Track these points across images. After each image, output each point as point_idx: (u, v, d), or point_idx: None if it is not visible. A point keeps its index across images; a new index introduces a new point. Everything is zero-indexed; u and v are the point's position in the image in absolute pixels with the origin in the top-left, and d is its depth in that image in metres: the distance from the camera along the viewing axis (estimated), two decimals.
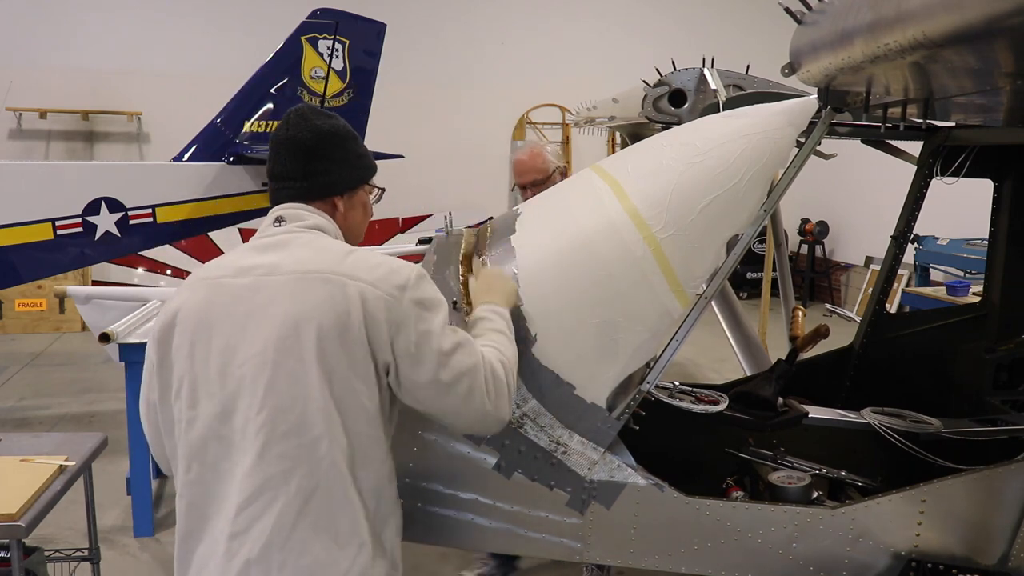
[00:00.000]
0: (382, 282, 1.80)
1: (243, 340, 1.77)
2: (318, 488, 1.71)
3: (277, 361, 1.73)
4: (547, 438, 2.39)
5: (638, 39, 11.19)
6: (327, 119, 2.01)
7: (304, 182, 1.97)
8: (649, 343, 2.38)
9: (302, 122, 1.97)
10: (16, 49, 9.63)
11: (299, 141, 1.96)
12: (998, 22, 1.31)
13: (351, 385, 1.75)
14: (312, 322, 1.74)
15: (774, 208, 2.61)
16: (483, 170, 11.18)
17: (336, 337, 1.74)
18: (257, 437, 1.72)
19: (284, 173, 1.99)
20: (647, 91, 4.34)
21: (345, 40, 7.05)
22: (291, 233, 1.91)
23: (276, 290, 1.79)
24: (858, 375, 3.68)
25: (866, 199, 10.50)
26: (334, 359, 1.74)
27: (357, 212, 2.08)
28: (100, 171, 6.64)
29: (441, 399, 1.84)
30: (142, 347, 4.25)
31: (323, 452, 1.72)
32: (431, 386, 1.83)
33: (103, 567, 3.47)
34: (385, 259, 1.89)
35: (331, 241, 1.93)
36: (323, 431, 1.72)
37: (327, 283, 1.78)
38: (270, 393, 1.73)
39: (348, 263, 1.83)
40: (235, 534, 1.71)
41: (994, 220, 3.68)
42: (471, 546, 2.61)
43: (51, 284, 8.38)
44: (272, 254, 1.86)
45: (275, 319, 1.76)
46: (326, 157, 1.98)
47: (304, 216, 1.95)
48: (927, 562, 2.48)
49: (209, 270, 1.91)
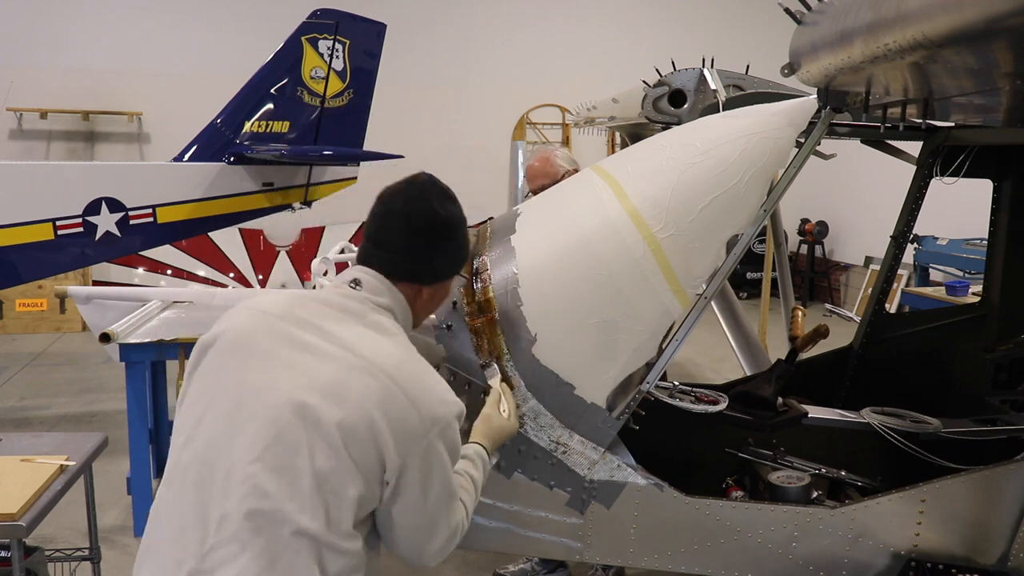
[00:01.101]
0: (425, 408, 1.75)
1: (269, 387, 1.72)
2: (282, 555, 1.65)
3: (291, 423, 1.68)
4: (547, 438, 2.40)
5: (638, 39, 11.19)
6: (449, 204, 1.96)
7: (400, 258, 1.91)
8: (649, 343, 2.38)
9: (423, 201, 1.92)
10: (16, 49, 9.63)
11: (413, 219, 1.91)
12: (998, 22, 1.31)
13: (351, 481, 1.69)
14: (340, 407, 1.69)
15: (774, 208, 2.62)
16: (483, 170, 11.17)
17: (357, 434, 1.69)
18: (241, 485, 1.66)
19: (386, 243, 1.92)
20: (647, 91, 4.34)
21: (345, 40, 7.05)
22: (362, 305, 1.86)
23: (326, 360, 1.74)
24: (858, 375, 3.68)
25: (866, 199, 10.50)
26: (344, 451, 1.68)
27: (437, 300, 2.04)
28: (100, 171, 6.63)
29: (406, 533, 1.81)
30: (142, 347, 4.27)
31: (295, 527, 1.65)
32: (408, 520, 1.79)
33: (103, 567, 3.47)
34: (438, 384, 1.82)
35: (398, 336, 1.86)
36: (302, 507, 1.66)
37: (375, 379, 1.73)
38: (269, 450, 1.67)
39: (404, 371, 1.77)
40: (198, 572, 1.65)
41: (993, 220, 3.69)
42: (471, 546, 2.61)
43: (52, 284, 8.37)
44: (337, 322, 1.82)
45: (310, 385, 1.71)
46: (433, 246, 1.93)
47: (381, 291, 1.89)
48: (927, 562, 2.48)
49: (269, 306, 1.87)
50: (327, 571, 1.68)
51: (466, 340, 2.39)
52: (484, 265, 2.58)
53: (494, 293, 2.45)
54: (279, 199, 6.89)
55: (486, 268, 2.56)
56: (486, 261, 2.59)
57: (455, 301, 2.46)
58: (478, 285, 2.51)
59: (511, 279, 2.44)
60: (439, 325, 2.43)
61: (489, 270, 2.54)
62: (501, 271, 2.51)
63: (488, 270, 2.55)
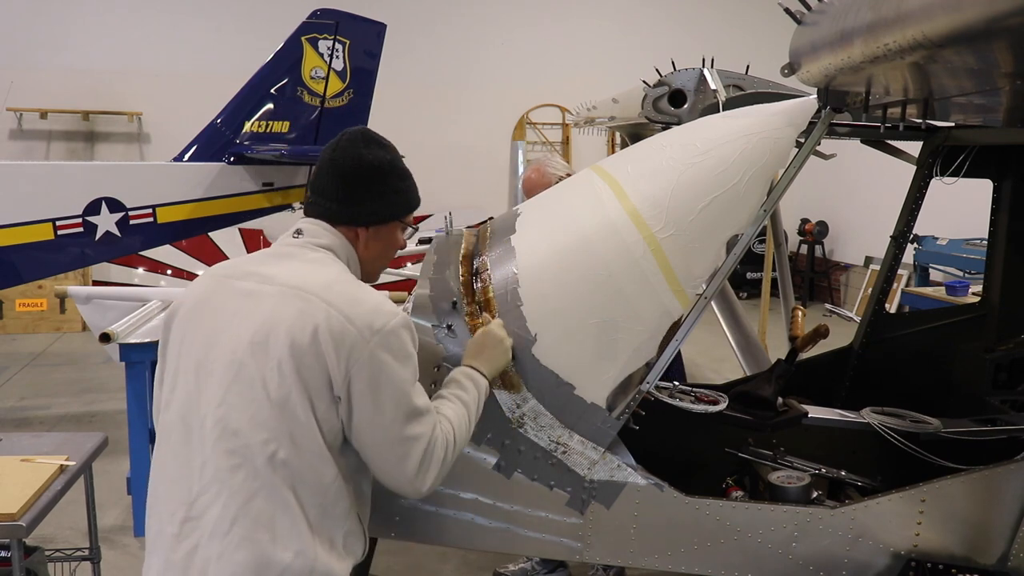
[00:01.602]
0: (358, 318, 1.81)
1: (222, 338, 1.84)
2: (260, 490, 1.75)
3: (243, 362, 1.79)
4: (547, 438, 2.40)
5: (638, 39, 11.19)
6: (376, 149, 2.04)
7: (334, 204, 2.01)
8: (649, 343, 2.38)
9: (350, 147, 2.02)
10: (17, 49, 9.63)
11: (340, 165, 2.01)
12: (998, 22, 1.31)
13: (305, 401, 1.78)
14: (282, 334, 1.78)
15: (774, 208, 2.62)
16: (483, 170, 11.17)
17: (299, 354, 1.77)
18: (213, 430, 1.78)
19: (320, 190, 2.03)
20: (647, 91, 4.35)
21: (345, 40, 7.05)
22: (301, 248, 1.97)
23: (264, 298, 1.85)
24: (858, 375, 3.68)
25: (866, 199, 10.51)
26: (291, 374, 1.77)
27: (379, 245, 2.09)
28: (100, 171, 6.63)
29: (376, 450, 1.85)
30: (142, 347, 4.27)
31: (266, 457, 1.75)
32: (373, 436, 1.83)
33: (103, 567, 3.47)
34: (373, 297, 1.88)
35: (333, 265, 1.95)
36: (269, 437, 1.76)
37: (306, 302, 1.81)
38: (230, 391, 1.79)
39: (335, 290, 1.85)
40: (188, 519, 1.77)
41: (993, 220, 3.69)
42: (471, 546, 2.61)
43: (52, 284, 8.38)
44: (276, 265, 1.93)
45: (253, 324, 1.82)
46: (361, 188, 2.01)
47: (320, 235, 1.99)
48: (927, 562, 2.48)
49: (220, 268, 2.00)
50: (304, 503, 1.77)
51: (466, 340, 2.38)
52: (484, 265, 2.58)
53: (494, 293, 2.45)
54: (279, 199, 6.89)
55: (486, 268, 2.56)
56: (486, 261, 2.59)
57: (455, 301, 2.46)
58: (478, 285, 2.51)
59: (511, 279, 2.44)
60: (439, 325, 2.43)
61: (489, 270, 2.54)
62: (501, 271, 2.51)
63: (488, 270, 2.55)
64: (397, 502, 2.40)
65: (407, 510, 2.43)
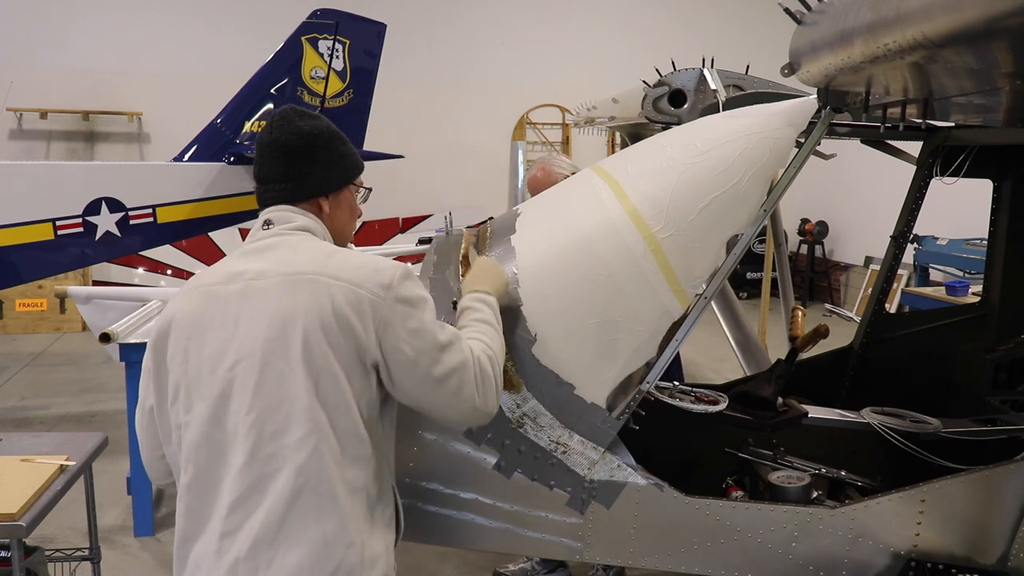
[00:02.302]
0: (367, 281, 1.82)
1: (233, 343, 1.80)
2: (305, 487, 1.73)
3: (265, 362, 1.76)
4: (547, 438, 2.39)
5: (638, 39, 11.19)
6: (310, 120, 2.02)
7: (288, 184, 1.99)
8: (649, 343, 2.38)
9: (285, 124, 1.99)
10: (16, 49, 9.63)
11: (281, 143, 1.98)
12: (998, 22, 1.31)
13: (338, 383, 1.77)
14: (298, 323, 1.77)
15: (774, 208, 2.62)
16: (483, 170, 11.18)
17: (322, 337, 1.76)
18: (247, 438, 1.74)
19: (269, 176, 2.01)
20: (647, 91, 4.34)
21: (345, 40, 7.05)
22: (279, 236, 1.93)
23: (264, 293, 1.82)
24: (858, 375, 3.68)
25: (866, 199, 10.50)
26: (320, 359, 1.76)
27: (343, 212, 2.09)
28: (100, 171, 6.63)
29: (432, 395, 1.87)
30: (142, 347, 4.24)
31: (309, 451, 1.73)
32: (422, 383, 1.85)
33: (103, 567, 3.47)
34: (369, 258, 1.91)
35: (317, 242, 1.95)
36: (309, 430, 1.74)
37: (312, 284, 1.80)
38: (258, 395, 1.75)
39: (332, 264, 1.85)
40: (226, 533, 1.73)
41: (993, 220, 3.69)
42: (471, 546, 2.61)
43: (52, 284, 8.38)
44: (260, 258, 1.89)
45: (263, 322, 1.79)
46: (309, 159, 1.99)
47: (292, 218, 1.97)
48: (926, 562, 2.48)
49: (202, 278, 1.94)
50: (352, 489, 1.77)
51: None
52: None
53: None
54: None
55: None
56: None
57: (455, 301, 2.46)
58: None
59: (511, 279, 2.44)
60: None
61: None
62: None
63: None
64: None
65: (407, 510, 2.43)
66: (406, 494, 2.40)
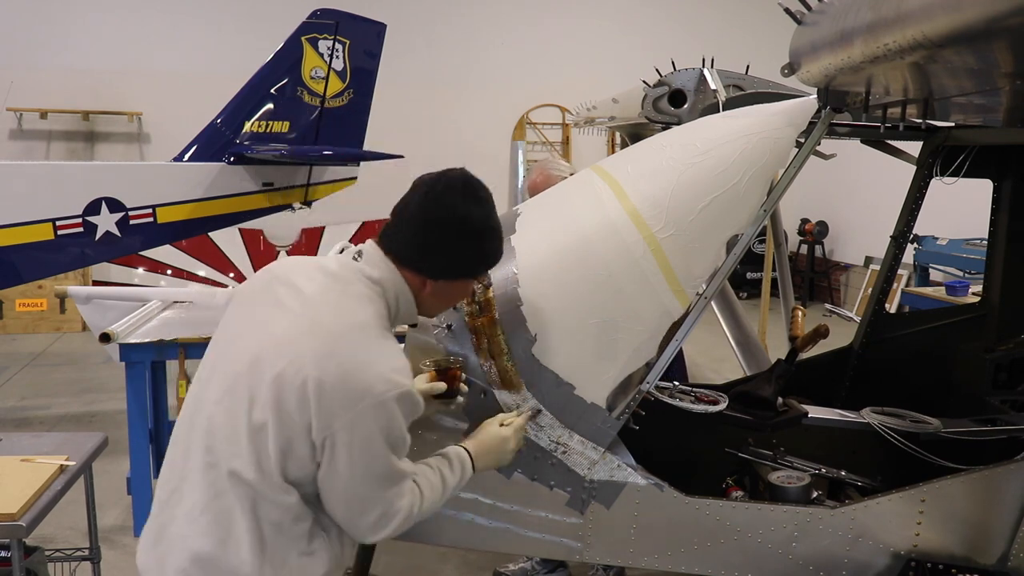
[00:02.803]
0: (354, 379, 1.74)
1: (239, 342, 1.85)
2: (225, 493, 1.77)
3: (240, 374, 1.79)
4: (547, 438, 2.40)
5: (638, 39, 11.19)
6: (472, 205, 1.93)
7: (408, 249, 1.92)
8: (649, 343, 2.38)
9: (447, 195, 1.91)
10: (17, 49, 9.63)
11: (429, 211, 1.91)
12: (997, 22, 1.31)
13: (279, 437, 1.75)
14: (279, 363, 1.75)
15: (774, 208, 2.62)
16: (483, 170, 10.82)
17: (289, 390, 1.74)
18: (203, 425, 1.83)
19: (401, 224, 1.93)
20: (647, 91, 4.34)
21: (345, 40, 7.04)
22: (350, 272, 1.90)
23: (285, 316, 1.82)
24: (858, 375, 3.68)
25: (866, 199, 10.50)
26: (277, 406, 1.74)
27: (440, 300, 2.03)
28: (100, 171, 6.63)
29: (336, 501, 1.82)
30: (142, 347, 4.27)
31: (230, 470, 1.76)
32: (336, 489, 1.80)
33: (103, 567, 3.47)
34: (384, 364, 1.78)
35: (369, 306, 1.86)
36: (237, 453, 1.76)
37: (315, 340, 1.76)
38: (224, 398, 1.81)
39: (349, 340, 1.78)
40: (174, 491, 1.84)
41: (994, 220, 3.69)
42: (471, 546, 2.62)
43: (52, 284, 8.37)
44: (317, 280, 1.87)
45: (262, 339, 1.80)
46: (443, 243, 1.92)
47: (375, 265, 1.91)
48: (926, 562, 2.48)
49: (277, 265, 2.00)
50: (261, 518, 1.77)
51: (466, 340, 2.39)
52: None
53: (494, 293, 2.45)
54: (279, 199, 6.89)
55: None
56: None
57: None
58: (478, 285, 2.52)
59: (511, 279, 2.44)
60: (439, 325, 2.43)
61: None
62: (501, 271, 2.50)
63: None
64: None
65: None
66: None
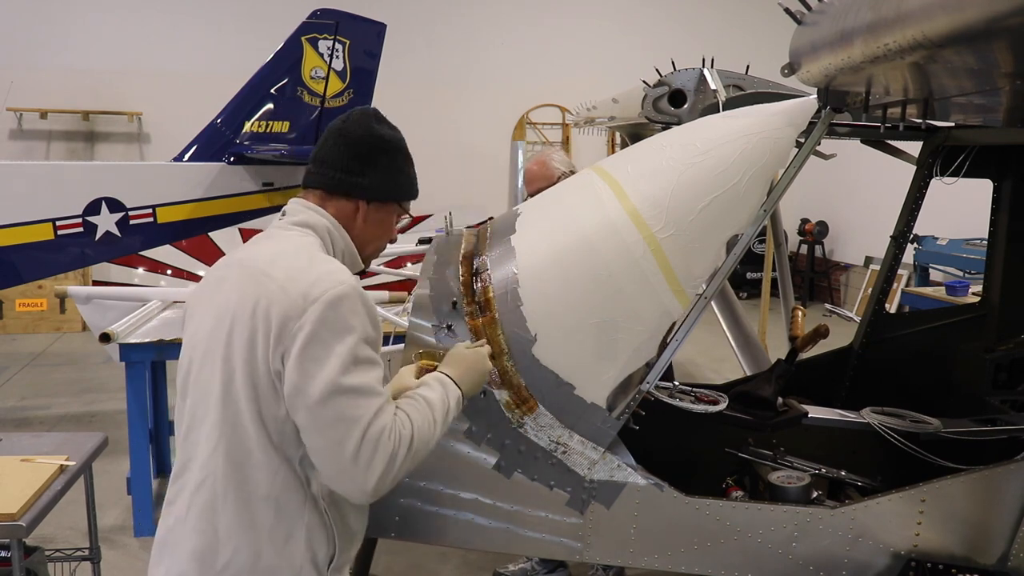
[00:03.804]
0: (293, 288, 1.71)
1: (201, 327, 1.86)
2: (205, 481, 1.76)
3: (207, 350, 1.80)
4: (547, 438, 2.40)
5: (638, 39, 11.19)
6: (387, 128, 2.02)
7: (339, 173, 1.95)
8: (649, 343, 2.38)
9: (363, 120, 1.99)
10: (17, 49, 9.63)
11: (351, 135, 1.96)
12: (998, 22, 1.31)
13: (247, 386, 1.73)
14: (231, 317, 1.77)
15: (774, 208, 2.62)
16: (483, 170, 11.17)
17: (243, 335, 1.73)
18: (189, 418, 1.83)
19: (324, 158, 1.97)
20: (647, 91, 4.34)
21: (345, 40, 7.04)
22: (279, 229, 1.95)
23: (231, 282, 1.84)
24: (858, 375, 3.68)
25: (866, 199, 10.50)
26: (238, 358, 1.74)
27: (376, 228, 2.01)
28: (100, 171, 6.63)
29: (311, 436, 1.69)
30: (142, 347, 4.27)
31: (212, 447, 1.75)
32: (305, 417, 1.68)
33: (103, 567, 3.47)
34: (322, 268, 1.77)
35: (297, 239, 1.87)
36: (214, 424, 1.75)
37: (254, 279, 1.78)
38: (196, 382, 1.82)
39: (279, 263, 1.79)
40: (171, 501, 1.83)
41: (994, 220, 3.69)
42: (471, 546, 2.62)
43: (52, 284, 8.37)
44: (253, 247, 1.93)
45: (217, 310, 1.81)
46: (369, 159, 1.96)
47: (298, 211, 1.95)
48: (927, 562, 2.48)
49: (229, 256, 2.00)
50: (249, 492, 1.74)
51: (466, 340, 2.38)
52: (484, 265, 2.58)
53: (494, 293, 2.45)
54: (279, 199, 6.89)
55: (486, 268, 2.56)
56: (486, 261, 2.59)
57: (455, 301, 2.46)
58: (478, 285, 2.51)
59: (511, 279, 2.44)
60: (439, 325, 2.43)
61: (489, 270, 2.54)
62: (501, 271, 2.51)
63: (488, 270, 2.55)
64: (397, 502, 2.40)
65: (407, 510, 2.43)
66: (406, 494, 2.40)
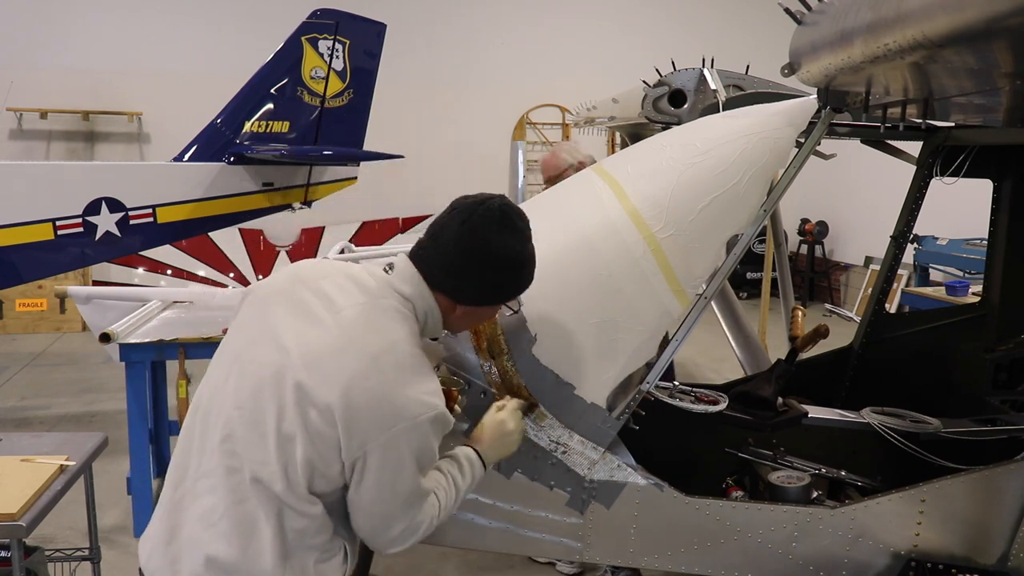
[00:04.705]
0: (396, 402, 1.74)
1: (263, 345, 1.82)
2: (248, 499, 1.75)
3: (269, 383, 1.77)
4: (547, 438, 2.40)
5: (638, 39, 11.19)
6: (508, 236, 1.92)
7: (440, 272, 1.91)
8: (649, 343, 2.38)
9: (482, 226, 1.90)
10: (17, 49, 9.62)
11: (464, 241, 1.89)
12: (998, 22, 1.31)
13: (308, 450, 1.74)
14: (314, 378, 1.74)
15: (774, 208, 2.62)
16: (483, 170, 11.14)
17: (321, 408, 1.73)
18: (223, 428, 1.79)
19: (435, 247, 1.92)
20: (647, 91, 4.34)
21: (345, 40, 7.04)
22: (382, 286, 1.90)
23: (318, 328, 1.80)
24: (858, 375, 3.68)
25: (866, 199, 10.50)
26: (306, 421, 1.74)
27: (468, 321, 2.06)
28: (100, 171, 6.63)
29: (363, 515, 1.82)
30: (142, 347, 4.27)
31: (255, 477, 1.74)
32: (364, 505, 1.81)
33: (103, 567, 3.46)
34: (420, 386, 1.79)
35: (403, 325, 1.85)
36: (264, 461, 1.75)
37: (356, 360, 1.75)
38: (247, 402, 1.78)
39: (390, 360, 1.77)
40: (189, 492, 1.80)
41: (993, 220, 3.69)
42: (471, 546, 2.62)
43: (52, 284, 8.37)
44: (349, 293, 1.86)
45: (293, 349, 1.78)
46: (475, 272, 1.91)
47: (408, 280, 1.91)
48: (926, 562, 2.48)
49: (301, 268, 1.98)
50: (285, 526, 1.76)
51: (466, 340, 2.38)
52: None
53: None
54: (279, 199, 6.89)
55: None
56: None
57: None
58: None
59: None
60: None
61: None
62: None
63: None
64: None
65: None
66: None
